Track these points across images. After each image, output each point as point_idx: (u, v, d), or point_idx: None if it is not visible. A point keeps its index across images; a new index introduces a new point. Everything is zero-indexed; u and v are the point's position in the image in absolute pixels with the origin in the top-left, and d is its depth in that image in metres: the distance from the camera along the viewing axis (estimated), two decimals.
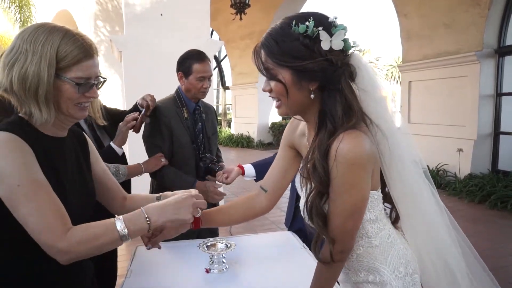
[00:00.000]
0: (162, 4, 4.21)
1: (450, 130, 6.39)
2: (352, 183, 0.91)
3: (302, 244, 1.73)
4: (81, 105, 0.98)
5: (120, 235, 0.88)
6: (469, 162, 6.10)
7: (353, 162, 0.89)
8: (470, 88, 6.12)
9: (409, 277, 1.04)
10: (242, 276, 1.45)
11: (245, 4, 7.71)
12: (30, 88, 0.90)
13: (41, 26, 0.93)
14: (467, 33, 6.08)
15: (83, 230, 0.87)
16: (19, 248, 0.92)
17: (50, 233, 0.83)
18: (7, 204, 0.85)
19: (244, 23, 8.91)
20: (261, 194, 1.21)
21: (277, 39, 0.92)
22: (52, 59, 0.90)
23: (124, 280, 1.40)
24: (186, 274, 1.47)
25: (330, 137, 0.91)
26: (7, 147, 0.85)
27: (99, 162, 1.20)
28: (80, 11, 7.99)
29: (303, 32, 0.88)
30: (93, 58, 0.98)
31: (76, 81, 0.94)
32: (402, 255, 1.05)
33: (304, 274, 1.45)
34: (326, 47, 0.89)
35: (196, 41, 4.30)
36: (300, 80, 0.92)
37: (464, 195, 5.54)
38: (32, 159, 0.88)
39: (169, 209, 0.95)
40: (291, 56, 0.90)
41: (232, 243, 1.53)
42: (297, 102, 0.96)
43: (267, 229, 4.45)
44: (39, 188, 0.86)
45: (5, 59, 0.92)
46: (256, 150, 12.17)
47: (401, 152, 0.99)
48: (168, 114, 2.05)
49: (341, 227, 0.95)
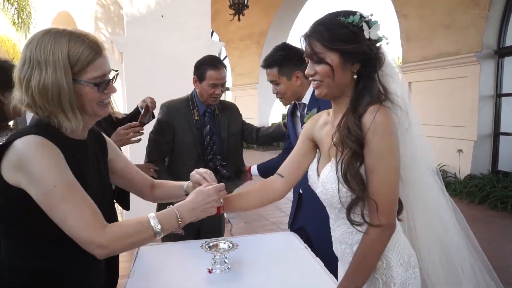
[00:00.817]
0: (162, 5, 4.22)
1: (450, 131, 6.40)
2: (391, 148, 1.02)
3: (303, 245, 1.74)
4: (103, 102, 1.01)
5: (154, 232, 0.94)
6: (469, 162, 6.11)
7: (390, 130, 1.02)
8: (470, 89, 6.13)
9: (412, 270, 1.10)
10: (244, 276, 1.45)
11: (243, 5, 7.72)
12: (53, 98, 0.91)
13: (46, 34, 0.94)
14: (467, 34, 6.09)
15: (119, 227, 0.91)
16: (39, 248, 0.95)
17: (89, 230, 0.86)
18: (43, 205, 0.87)
19: (244, 24, 8.93)
20: (277, 180, 1.30)
21: (328, 27, 1.06)
22: (66, 66, 0.91)
23: (127, 280, 1.41)
24: (188, 274, 1.47)
25: (366, 105, 1.05)
26: (40, 150, 0.87)
27: (120, 157, 1.24)
28: (80, 13, 8.00)
29: (351, 22, 1.04)
30: (103, 55, 0.99)
31: (93, 82, 0.96)
32: (406, 246, 1.12)
33: (306, 274, 1.46)
34: (367, 35, 1.05)
35: (196, 42, 4.31)
36: (345, 62, 1.06)
37: (464, 195, 5.54)
38: (63, 161, 0.90)
39: (199, 208, 1.05)
40: (341, 40, 1.05)
41: (234, 243, 1.53)
42: (340, 83, 1.09)
43: (268, 229, 4.45)
44: (74, 188, 0.89)
45: (19, 74, 0.93)
46: (256, 151, 12.17)
47: (414, 138, 1.12)
48: (173, 114, 2.10)
49: (388, 196, 1.02)
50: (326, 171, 1.12)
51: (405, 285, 1.08)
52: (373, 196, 1.03)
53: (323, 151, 1.20)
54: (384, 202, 1.02)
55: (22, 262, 0.95)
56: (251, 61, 12.33)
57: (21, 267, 0.95)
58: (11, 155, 0.87)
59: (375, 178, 1.03)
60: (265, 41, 11.72)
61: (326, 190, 1.12)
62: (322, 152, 1.21)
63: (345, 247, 1.16)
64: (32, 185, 0.86)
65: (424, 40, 6.83)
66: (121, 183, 1.26)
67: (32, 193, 0.87)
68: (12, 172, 0.87)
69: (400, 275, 1.08)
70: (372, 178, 1.03)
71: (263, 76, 9.41)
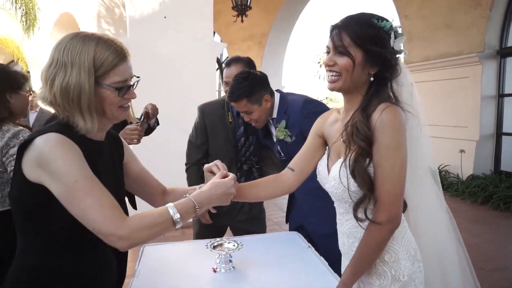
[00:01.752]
0: (165, 6, 4.23)
1: (452, 131, 6.40)
2: (398, 144, 1.04)
3: (307, 244, 1.74)
4: (122, 107, 1.03)
5: (174, 221, 0.96)
6: (471, 163, 6.10)
7: (397, 126, 1.04)
8: (472, 89, 6.13)
9: (417, 263, 1.13)
10: (249, 275, 1.46)
11: (246, 6, 7.74)
12: (73, 99, 0.94)
13: (75, 37, 0.97)
14: (469, 34, 6.09)
15: (139, 218, 0.92)
16: (54, 245, 0.96)
17: (110, 223, 0.88)
18: (64, 201, 0.89)
19: (245, 25, 8.94)
20: (288, 173, 1.35)
21: (361, 23, 1.09)
22: (90, 68, 0.94)
23: (133, 279, 1.42)
24: (193, 274, 1.48)
25: (373, 107, 1.08)
26: (60, 147, 0.89)
27: (136, 160, 1.26)
28: (82, 14, 8.03)
29: (383, 26, 1.09)
30: (127, 61, 1.02)
31: (115, 86, 0.98)
32: (412, 241, 1.15)
33: (310, 273, 1.46)
34: (392, 44, 1.10)
35: (199, 43, 4.32)
36: (366, 62, 1.10)
37: (467, 196, 5.54)
38: (82, 157, 0.92)
39: (216, 199, 1.09)
40: (370, 40, 1.08)
41: (239, 243, 1.54)
42: (355, 80, 1.12)
43: (270, 230, 4.44)
44: (94, 182, 0.90)
45: (46, 73, 0.96)
46: None
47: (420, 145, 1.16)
48: (206, 116, 2.16)
49: (391, 192, 1.04)
50: (337, 167, 1.15)
51: (412, 278, 1.11)
52: (376, 192, 1.06)
53: (333, 147, 1.23)
54: (385, 198, 1.04)
55: (37, 259, 0.96)
56: None
57: (36, 264, 0.96)
58: (32, 153, 0.89)
59: (379, 174, 1.05)
60: (267, 42, 11.75)
61: (337, 185, 1.14)
62: (332, 149, 1.24)
63: (353, 241, 1.18)
64: (53, 181, 0.88)
65: (425, 40, 6.83)
66: (134, 187, 1.27)
67: (53, 189, 0.89)
68: (33, 169, 0.89)
69: (408, 268, 1.11)
70: (377, 174, 1.06)
71: None
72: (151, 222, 0.93)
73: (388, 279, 1.11)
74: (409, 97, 1.14)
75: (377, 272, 1.13)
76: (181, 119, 4.36)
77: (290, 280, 1.41)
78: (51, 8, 9.03)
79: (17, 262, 0.99)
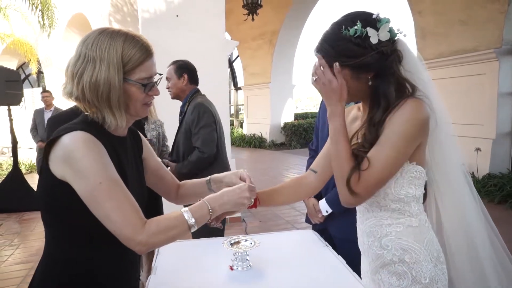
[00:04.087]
0: (177, 5, 4.24)
1: (468, 129, 6.27)
2: (404, 135, 1.01)
3: (324, 242, 1.72)
4: (146, 104, 1.03)
5: (189, 225, 0.97)
6: (488, 161, 5.99)
7: (413, 116, 1.00)
8: (489, 86, 6.01)
9: (440, 266, 1.11)
10: (266, 274, 1.44)
11: (257, 4, 7.72)
12: (103, 94, 0.94)
13: (102, 32, 0.97)
14: (485, 29, 5.96)
15: (157, 223, 0.93)
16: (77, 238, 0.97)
17: (131, 228, 0.89)
18: (87, 201, 0.89)
19: (256, 23, 8.93)
20: (311, 176, 1.32)
21: (331, 44, 1.05)
22: (119, 64, 0.94)
23: (150, 277, 1.42)
24: (210, 271, 1.47)
25: (384, 112, 1.04)
26: (86, 146, 0.89)
27: (154, 155, 1.27)
28: (95, 14, 8.11)
29: (353, 34, 1.01)
30: (153, 57, 1.02)
31: (141, 82, 0.98)
32: (436, 243, 1.12)
33: (328, 271, 1.44)
34: (375, 41, 1.01)
35: (211, 42, 4.32)
36: (358, 74, 1.05)
37: (483, 195, 5.43)
38: (107, 157, 0.92)
39: (230, 203, 1.08)
40: (346, 56, 1.03)
41: (256, 241, 1.52)
42: (357, 91, 1.09)
43: (283, 228, 4.44)
44: (117, 185, 0.91)
45: (72, 68, 0.95)
46: (268, 150, 12.17)
47: (445, 130, 1.11)
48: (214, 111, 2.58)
49: (375, 174, 1.01)
50: None
51: (434, 280, 1.09)
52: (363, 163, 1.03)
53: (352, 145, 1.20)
54: (367, 177, 1.02)
55: (64, 253, 0.98)
56: (263, 61, 12.33)
57: (63, 258, 0.97)
58: (58, 150, 0.90)
59: (374, 151, 1.03)
60: (278, 40, 11.71)
61: None
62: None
63: (372, 240, 1.16)
64: (78, 181, 0.88)
65: (439, 36, 6.72)
66: (151, 182, 1.28)
67: (77, 188, 0.89)
68: (59, 166, 0.90)
69: (430, 270, 1.08)
70: (373, 149, 1.04)
71: (275, 75, 9.53)
72: (167, 226, 0.94)
73: (408, 280, 1.09)
74: (421, 84, 1.08)
75: (397, 273, 1.10)
76: None
77: (308, 278, 1.39)
78: (64, 8, 9.15)
79: (44, 257, 1.00)
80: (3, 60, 12.34)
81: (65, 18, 9.43)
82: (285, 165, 9.25)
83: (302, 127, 12.32)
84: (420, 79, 1.08)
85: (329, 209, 1.90)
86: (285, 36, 11.70)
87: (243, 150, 12.60)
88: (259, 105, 12.99)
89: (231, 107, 17.15)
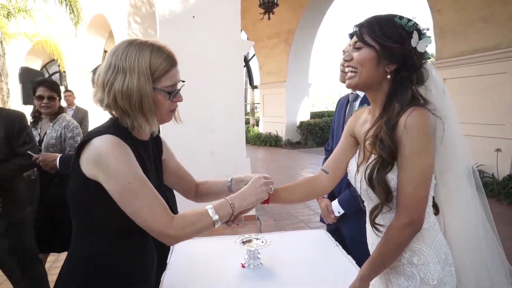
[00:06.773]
0: (194, 6, 4.31)
1: (488, 129, 6.12)
2: (422, 149, 1.02)
3: (335, 243, 1.74)
4: (172, 110, 1.10)
5: (213, 220, 1.03)
6: (508, 162, 5.83)
7: (423, 130, 1.02)
8: (510, 85, 5.84)
9: (448, 268, 1.11)
10: (277, 272, 1.48)
11: (273, 3, 7.73)
12: (135, 103, 1.00)
13: (131, 44, 1.03)
14: (507, 28, 5.80)
15: (183, 218, 1.00)
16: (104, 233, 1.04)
17: (160, 223, 0.95)
18: (118, 200, 0.95)
19: (272, 22, 8.92)
20: (323, 175, 1.35)
21: (380, 22, 1.10)
22: (148, 74, 1.01)
23: (165, 272, 1.48)
24: (222, 268, 1.52)
25: (397, 115, 1.06)
26: (116, 149, 0.95)
27: (173, 157, 1.33)
28: (114, 15, 8.30)
29: (404, 24, 1.07)
30: (177, 66, 1.08)
31: (167, 90, 1.05)
32: (444, 245, 1.13)
33: (338, 271, 1.47)
34: (414, 44, 1.07)
35: (227, 42, 4.37)
36: (382, 57, 1.08)
37: (503, 197, 5.30)
38: (134, 159, 0.99)
39: (249, 196, 1.14)
40: (386, 36, 1.08)
41: (267, 240, 1.56)
42: (371, 76, 1.11)
43: (297, 227, 4.46)
44: (146, 184, 0.97)
45: (103, 77, 1.02)
46: (284, 149, 12.17)
47: (456, 146, 1.12)
48: None
49: (412, 195, 1.03)
50: (365, 166, 1.14)
51: (442, 282, 1.09)
52: (398, 194, 1.05)
53: (362, 148, 1.22)
54: (407, 201, 1.03)
55: (91, 249, 1.04)
56: (279, 59, 12.31)
57: (90, 254, 1.04)
58: (90, 152, 0.96)
59: (402, 176, 1.04)
60: (294, 39, 11.68)
61: (365, 185, 1.14)
62: (361, 149, 1.24)
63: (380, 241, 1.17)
64: (109, 182, 0.95)
65: (459, 35, 6.57)
66: (172, 181, 1.34)
67: (108, 188, 0.95)
68: (90, 167, 0.96)
69: (438, 271, 1.09)
70: (400, 176, 1.05)
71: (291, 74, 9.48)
72: (194, 220, 1.00)
73: (416, 281, 1.10)
74: (438, 103, 1.10)
75: (406, 274, 1.12)
76: (208, 117, 4.44)
77: (317, 278, 1.42)
78: (85, 9, 9.39)
79: (72, 251, 1.07)
80: (28, 60, 12.75)
81: (86, 18, 9.67)
82: (301, 164, 9.24)
83: (318, 126, 12.26)
84: (437, 100, 1.11)
85: (341, 210, 1.92)
86: (301, 35, 11.66)
87: (258, 148, 12.63)
88: (275, 103, 12.98)
89: (247, 105, 17.22)
